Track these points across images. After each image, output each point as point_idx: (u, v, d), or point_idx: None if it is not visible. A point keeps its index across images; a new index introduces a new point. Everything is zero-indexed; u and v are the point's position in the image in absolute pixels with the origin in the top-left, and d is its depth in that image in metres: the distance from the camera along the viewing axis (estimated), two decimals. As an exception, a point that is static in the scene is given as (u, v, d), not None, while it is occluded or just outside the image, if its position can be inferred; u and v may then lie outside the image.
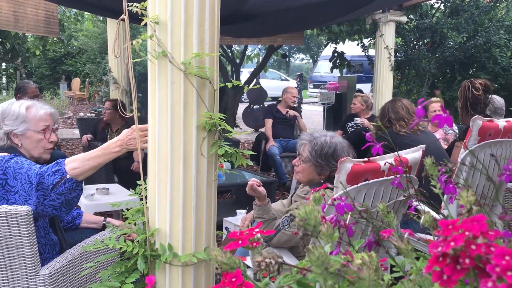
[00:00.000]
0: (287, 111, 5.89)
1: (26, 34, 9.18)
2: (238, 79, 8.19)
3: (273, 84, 17.87)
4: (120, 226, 1.90)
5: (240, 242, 0.56)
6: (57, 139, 2.28)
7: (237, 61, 8.62)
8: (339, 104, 10.73)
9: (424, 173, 0.73)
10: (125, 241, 1.70)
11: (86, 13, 9.60)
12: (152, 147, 1.68)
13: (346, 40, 8.41)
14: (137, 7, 1.61)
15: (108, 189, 3.70)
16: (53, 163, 1.92)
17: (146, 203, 1.73)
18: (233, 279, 0.48)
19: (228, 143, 1.72)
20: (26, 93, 4.47)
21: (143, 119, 1.80)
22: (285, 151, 5.84)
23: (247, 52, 9.32)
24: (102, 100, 14.89)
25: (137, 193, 1.91)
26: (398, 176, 0.76)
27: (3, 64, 16.98)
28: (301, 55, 36.47)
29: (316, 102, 17.12)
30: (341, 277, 0.45)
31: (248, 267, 2.59)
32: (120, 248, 1.66)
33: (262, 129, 11.05)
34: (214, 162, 1.73)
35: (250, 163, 1.71)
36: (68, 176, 1.85)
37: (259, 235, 0.56)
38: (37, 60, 16.37)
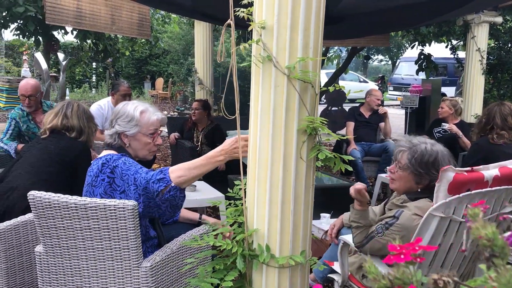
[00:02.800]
0: (379, 107, 5.74)
1: (118, 36, 9.73)
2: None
3: (352, 85, 17.51)
4: (217, 223, 1.96)
5: (402, 256, 0.55)
6: (161, 142, 2.39)
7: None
8: (422, 108, 10.31)
9: None
10: (223, 239, 1.75)
11: (173, 15, 9.99)
12: (253, 149, 1.71)
13: (432, 42, 8.08)
14: (243, 12, 1.65)
15: (195, 186, 3.83)
16: (157, 171, 2.01)
17: (245, 202, 1.77)
18: (408, 295, 0.47)
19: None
20: (118, 91, 4.73)
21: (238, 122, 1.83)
22: (367, 155, 5.72)
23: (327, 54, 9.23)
24: (184, 100, 15.45)
25: (235, 193, 1.96)
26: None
27: (93, 64, 18.15)
28: (380, 56, 35.53)
29: (397, 105, 16.59)
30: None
31: (334, 272, 2.56)
32: (220, 246, 1.71)
33: (341, 132, 10.91)
34: (312, 166, 1.73)
35: (350, 168, 1.69)
36: (172, 184, 1.94)
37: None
38: (124, 60, 17.28)
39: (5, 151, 3.86)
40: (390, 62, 35.81)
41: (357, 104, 6.23)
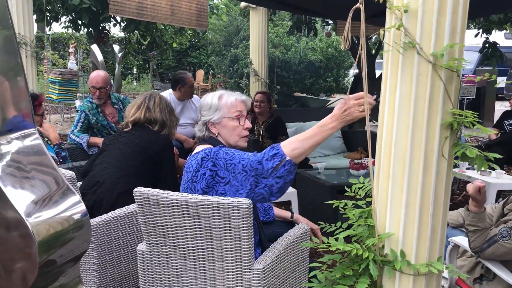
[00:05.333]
0: None
1: (166, 27, 9.71)
2: (373, 70, 7.88)
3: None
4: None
5: None
6: (250, 126, 2.27)
7: (372, 52, 8.31)
8: (477, 99, 9.91)
9: None
10: (351, 243, 1.61)
11: (221, 5, 9.89)
12: (387, 145, 1.56)
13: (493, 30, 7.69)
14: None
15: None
16: (268, 148, 1.94)
17: (374, 204, 1.63)
18: None
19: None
20: (185, 84, 4.64)
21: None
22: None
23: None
24: (225, 91, 15.35)
25: (354, 192, 1.81)
26: None
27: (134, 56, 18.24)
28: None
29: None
30: None
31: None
32: (349, 251, 1.57)
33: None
34: (452, 165, 1.57)
35: (497, 167, 1.53)
36: (287, 158, 1.85)
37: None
38: (171, 52, 17.31)
39: (76, 144, 3.84)
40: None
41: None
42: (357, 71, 8.45)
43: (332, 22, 9.06)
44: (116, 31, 17.70)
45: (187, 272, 1.90)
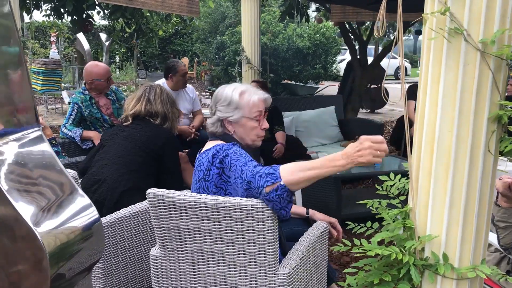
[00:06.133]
0: None
1: (153, 15, 9.45)
2: (365, 56, 7.78)
3: (391, 62, 16.99)
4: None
5: None
6: (268, 126, 2.13)
7: (364, 38, 8.20)
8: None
9: None
10: (384, 245, 1.50)
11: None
12: (429, 140, 1.44)
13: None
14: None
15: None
16: (268, 166, 1.75)
17: (413, 203, 1.51)
18: None
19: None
20: (177, 72, 4.46)
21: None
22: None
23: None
24: (211, 80, 15.14)
25: (385, 190, 1.70)
26: None
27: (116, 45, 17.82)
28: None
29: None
30: None
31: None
32: (388, 255, 1.46)
33: (380, 111, 10.51)
34: (497, 161, 1.46)
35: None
36: (281, 183, 1.65)
37: None
38: (157, 40, 16.93)
39: (69, 138, 3.65)
40: (411, 37, 34.96)
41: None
42: (349, 57, 8.33)
43: (323, 7, 8.90)
44: (98, 19, 17.29)
45: (206, 279, 1.77)
